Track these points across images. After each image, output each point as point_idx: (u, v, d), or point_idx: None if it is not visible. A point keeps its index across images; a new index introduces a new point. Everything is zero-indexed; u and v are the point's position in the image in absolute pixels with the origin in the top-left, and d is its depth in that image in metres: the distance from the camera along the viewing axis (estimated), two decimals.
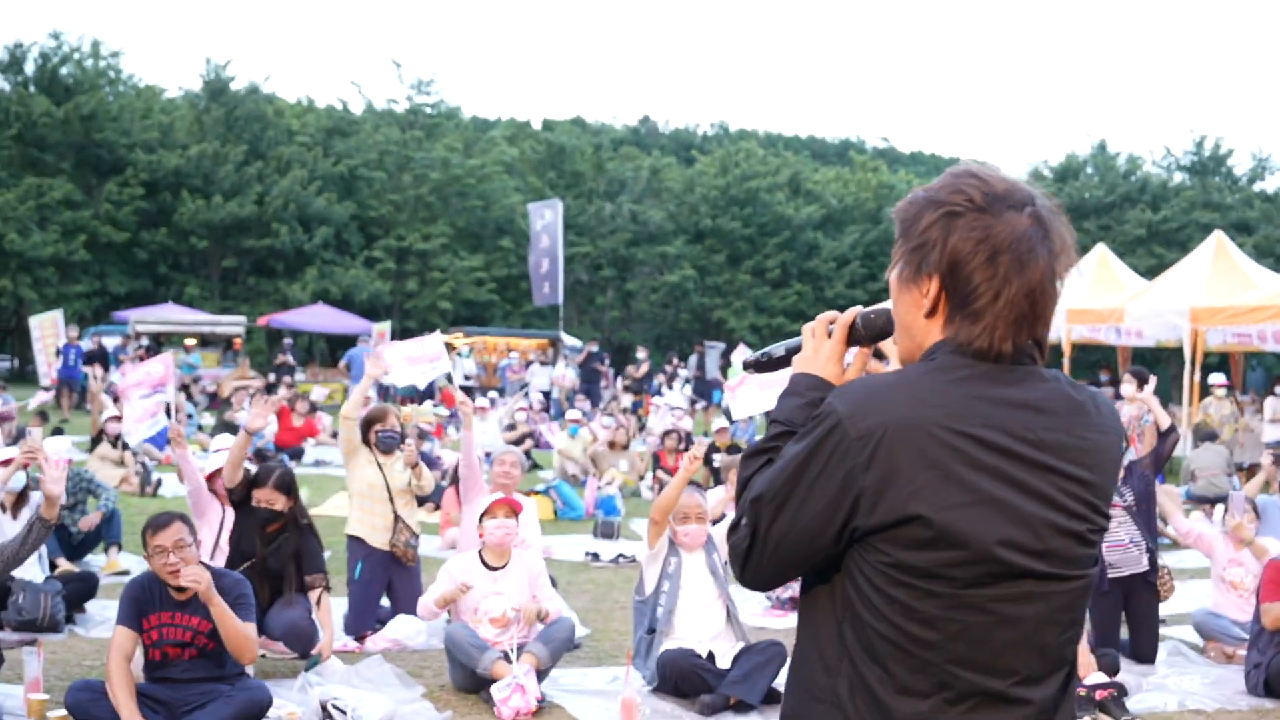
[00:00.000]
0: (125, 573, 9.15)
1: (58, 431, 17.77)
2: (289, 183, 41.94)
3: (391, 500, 7.78)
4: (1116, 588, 7.77)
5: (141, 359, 26.69)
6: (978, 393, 1.96)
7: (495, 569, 6.72)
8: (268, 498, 6.96)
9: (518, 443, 18.04)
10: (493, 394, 24.70)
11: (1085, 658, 6.73)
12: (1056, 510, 1.98)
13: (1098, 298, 20.28)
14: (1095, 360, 30.11)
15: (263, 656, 7.10)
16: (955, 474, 1.92)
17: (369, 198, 44.56)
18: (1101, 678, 6.64)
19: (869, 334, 2.21)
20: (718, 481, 14.14)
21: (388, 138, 44.94)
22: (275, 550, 6.96)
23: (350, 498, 8.00)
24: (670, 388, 25.32)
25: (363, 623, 7.66)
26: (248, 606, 5.60)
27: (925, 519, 1.91)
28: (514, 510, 6.76)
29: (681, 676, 6.42)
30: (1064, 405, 2.02)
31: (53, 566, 8.93)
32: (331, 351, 42.35)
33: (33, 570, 8.10)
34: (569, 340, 31.16)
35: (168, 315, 32.08)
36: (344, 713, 5.78)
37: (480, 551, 6.79)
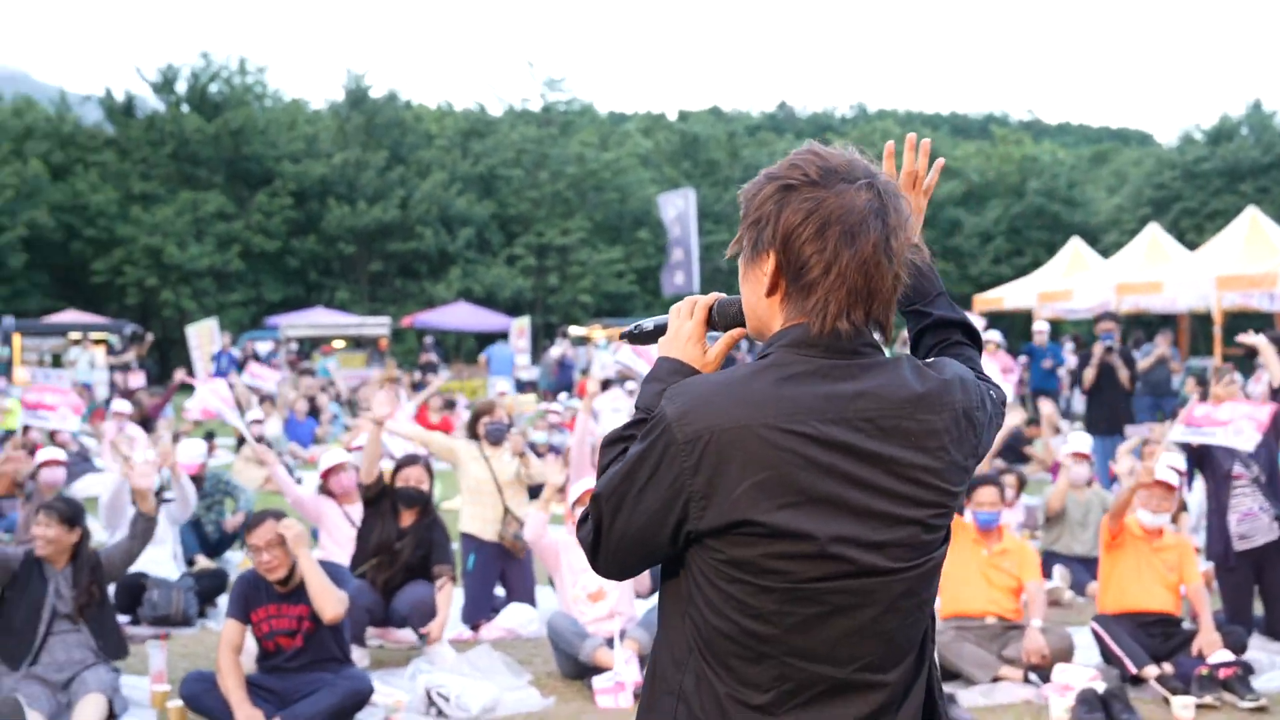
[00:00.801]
0: None
1: (210, 435, 18.47)
2: (430, 186, 42.80)
3: (500, 492, 7.91)
4: (1246, 561, 7.45)
5: (292, 364, 27.61)
6: (810, 389, 1.92)
7: None
8: (416, 476, 7.19)
9: None
10: (631, 384, 24.85)
11: (1210, 635, 6.51)
12: (896, 500, 1.95)
13: (1250, 263, 19.49)
14: (1257, 328, 28.92)
15: (380, 647, 7.31)
16: (786, 475, 1.89)
17: (508, 196, 45.20)
18: (1226, 655, 6.40)
19: (723, 322, 2.17)
20: None
21: (524, 136, 45.52)
22: (407, 541, 7.16)
23: (462, 495, 8.15)
24: None
25: (478, 612, 7.81)
26: (339, 581, 5.80)
27: (755, 522, 1.89)
28: None
29: None
30: (904, 392, 1.97)
31: (190, 563, 9.30)
32: (480, 348, 43.14)
33: (168, 567, 8.45)
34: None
35: (315, 319, 33.02)
36: (447, 699, 5.90)
37: None
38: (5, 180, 38.53)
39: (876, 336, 2.02)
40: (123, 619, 7.99)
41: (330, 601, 5.64)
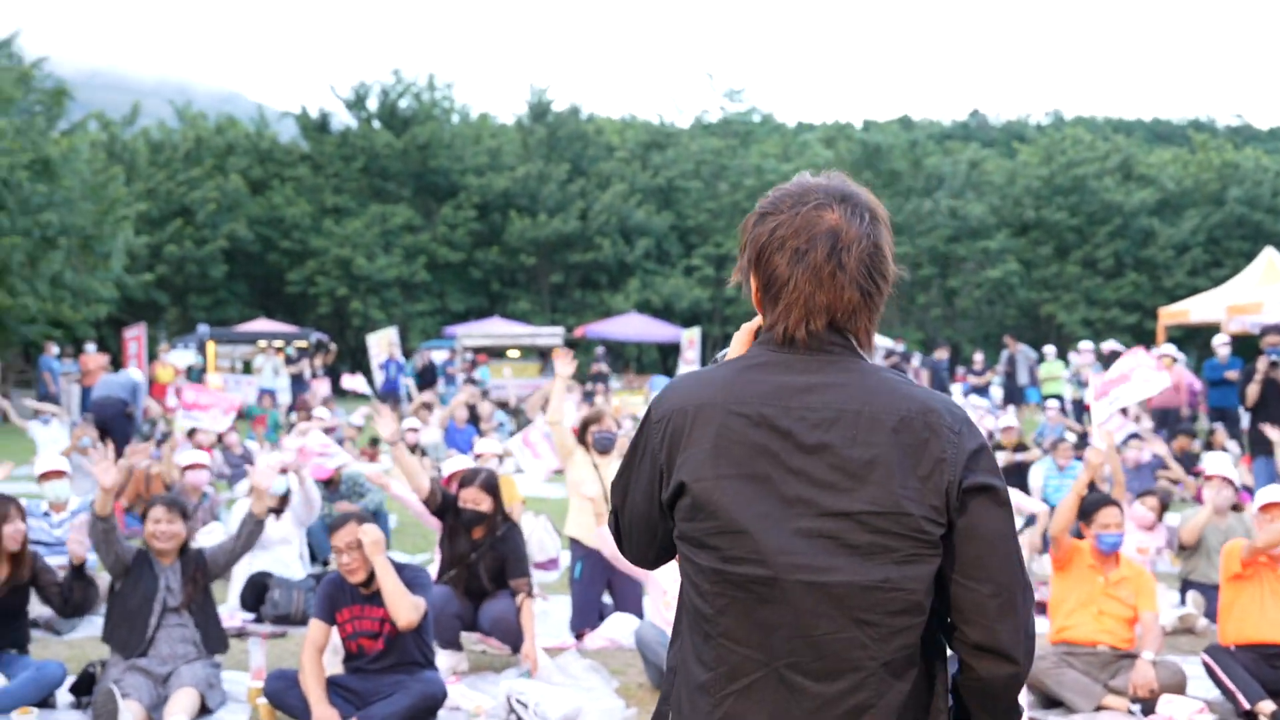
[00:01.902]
0: None
1: (374, 442, 19.02)
2: (610, 197, 43.28)
3: (607, 501, 7.90)
4: None
5: (466, 371, 28.23)
6: (763, 377, 2.09)
7: None
8: (474, 498, 7.11)
9: None
10: None
11: None
12: (827, 491, 2.01)
13: None
14: None
15: (482, 652, 7.38)
16: (722, 449, 2.05)
17: (687, 207, 45.38)
18: None
19: None
20: (1008, 483, 13.57)
21: (703, 148, 45.65)
22: (482, 554, 7.13)
23: (571, 499, 8.18)
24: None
25: (583, 620, 7.82)
26: (419, 586, 5.85)
27: (686, 487, 2.07)
28: None
29: None
30: (857, 390, 2.06)
31: (326, 564, 9.56)
32: (664, 359, 43.40)
33: (294, 567, 8.71)
34: (879, 340, 30.64)
35: (491, 329, 33.69)
36: (525, 706, 5.92)
37: None
38: (208, 194, 40.49)
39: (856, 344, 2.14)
40: (247, 616, 8.28)
41: (404, 608, 5.71)
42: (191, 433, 14.32)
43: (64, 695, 6.31)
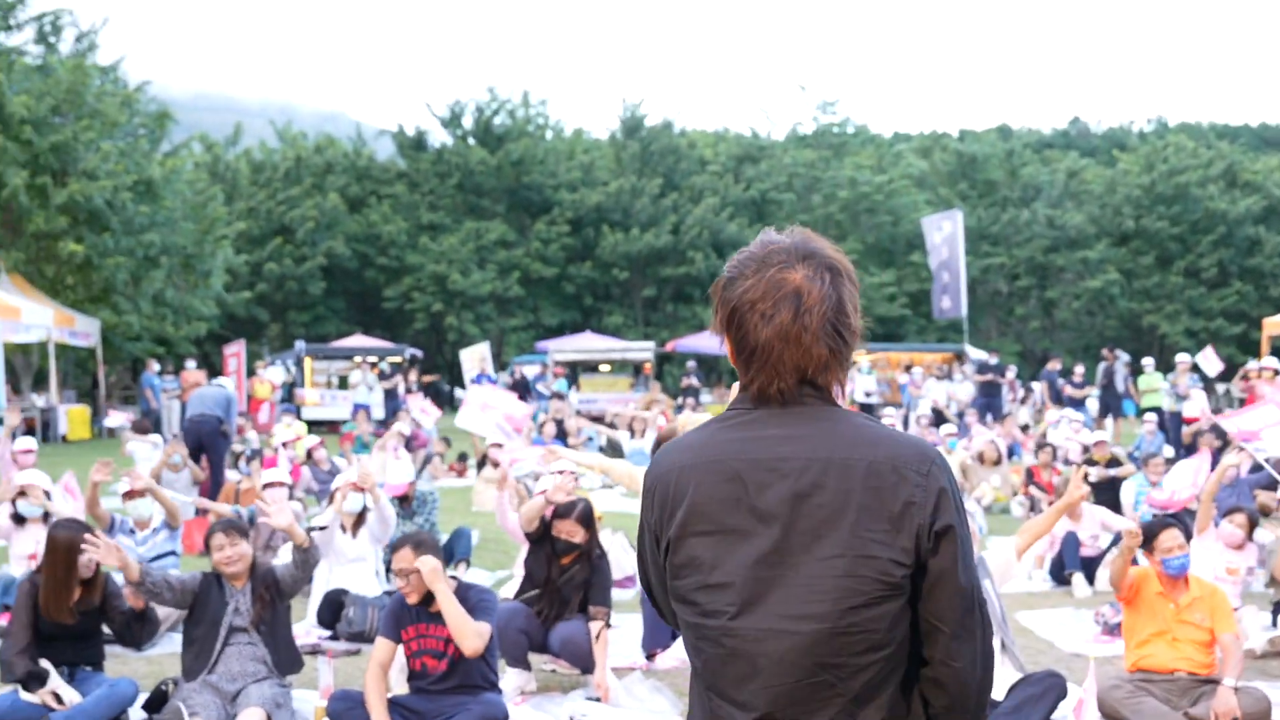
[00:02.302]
0: None
1: (463, 458, 19.20)
2: (702, 211, 43.28)
3: None
4: None
5: (555, 375, 28.33)
6: (736, 435, 2.17)
7: None
8: (569, 530, 7.09)
9: None
10: (890, 410, 24.39)
11: None
12: (797, 537, 2.09)
13: None
14: None
15: (552, 671, 7.37)
16: (701, 507, 2.14)
17: (780, 220, 45.05)
18: None
19: None
20: (1099, 500, 13.26)
21: (796, 160, 45.46)
22: (567, 580, 7.12)
23: None
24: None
25: (654, 641, 7.76)
26: (485, 610, 5.84)
27: (672, 544, 2.17)
28: None
29: None
30: (827, 439, 2.12)
31: None
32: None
33: (370, 585, 8.78)
34: (974, 353, 30.22)
35: (582, 344, 33.82)
36: None
37: None
38: (307, 213, 41.27)
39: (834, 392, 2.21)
40: (323, 633, 8.37)
41: (468, 636, 5.71)
42: (283, 446, 14.58)
43: (136, 712, 6.41)
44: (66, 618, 6.42)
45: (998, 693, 6.16)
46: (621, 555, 10.09)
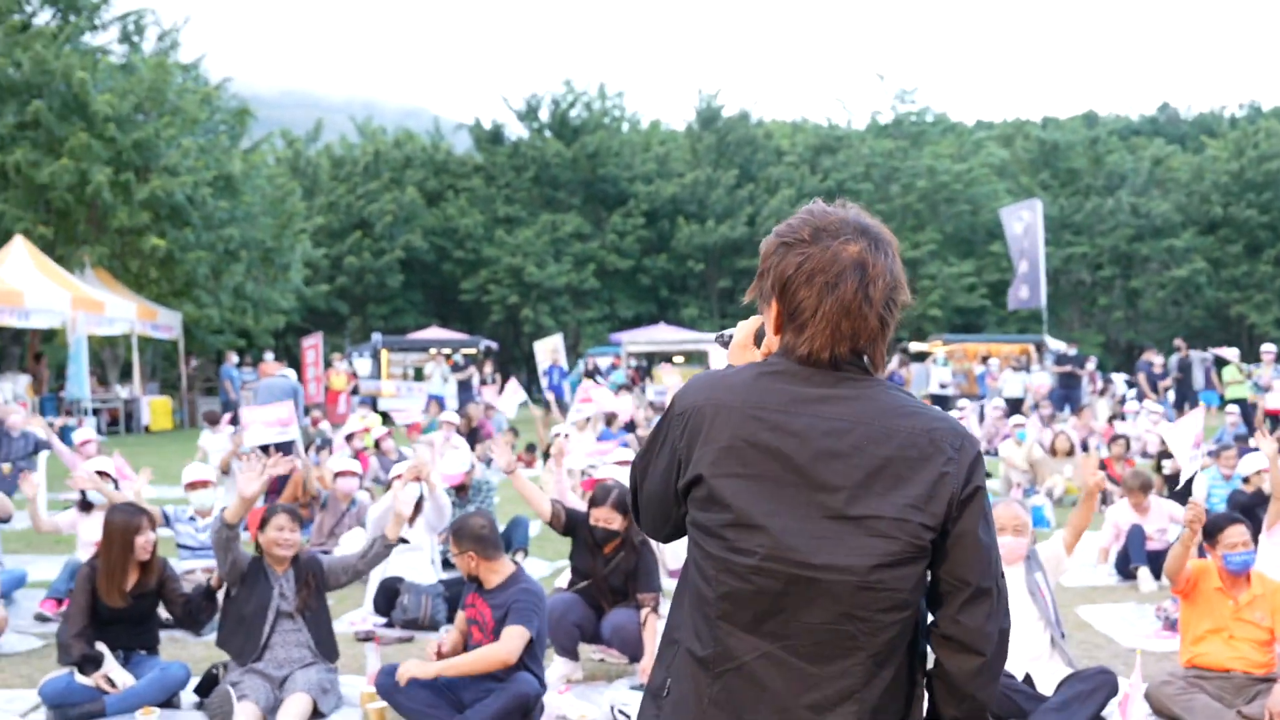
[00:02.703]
0: None
1: (530, 448, 19.27)
2: (778, 202, 43.06)
3: None
4: None
5: (631, 379, 28.36)
6: (780, 385, 2.23)
7: None
8: (605, 517, 7.07)
9: None
10: (964, 402, 24.09)
11: None
12: (831, 493, 2.17)
13: None
14: None
15: (600, 660, 7.38)
16: (738, 449, 2.20)
17: None
18: None
19: (760, 340, 2.48)
20: (1171, 493, 12.99)
21: (874, 150, 45.05)
22: (613, 569, 7.10)
23: None
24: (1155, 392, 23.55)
25: None
26: (522, 614, 5.85)
27: (703, 480, 2.23)
28: None
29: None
30: (868, 405, 2.20)
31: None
32: None
33: (426, 573, 8.85)
34: (1053, 344, 29.74)
35: (655, 335, 33.83)
36: (628, 717, 5.88)
37: None
38: (385, 207, 41.69)
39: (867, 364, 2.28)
40: (378, 620, 8.45)
41: (497, 662, 5.79)
42: (349, 438, 14.74)
43: (188, 696, 6.52)
44: (118, 601, 6.54)
45: (1047, 688, 6.06)
46: (678, 544, 10.08)
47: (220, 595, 6.89)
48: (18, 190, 25.78)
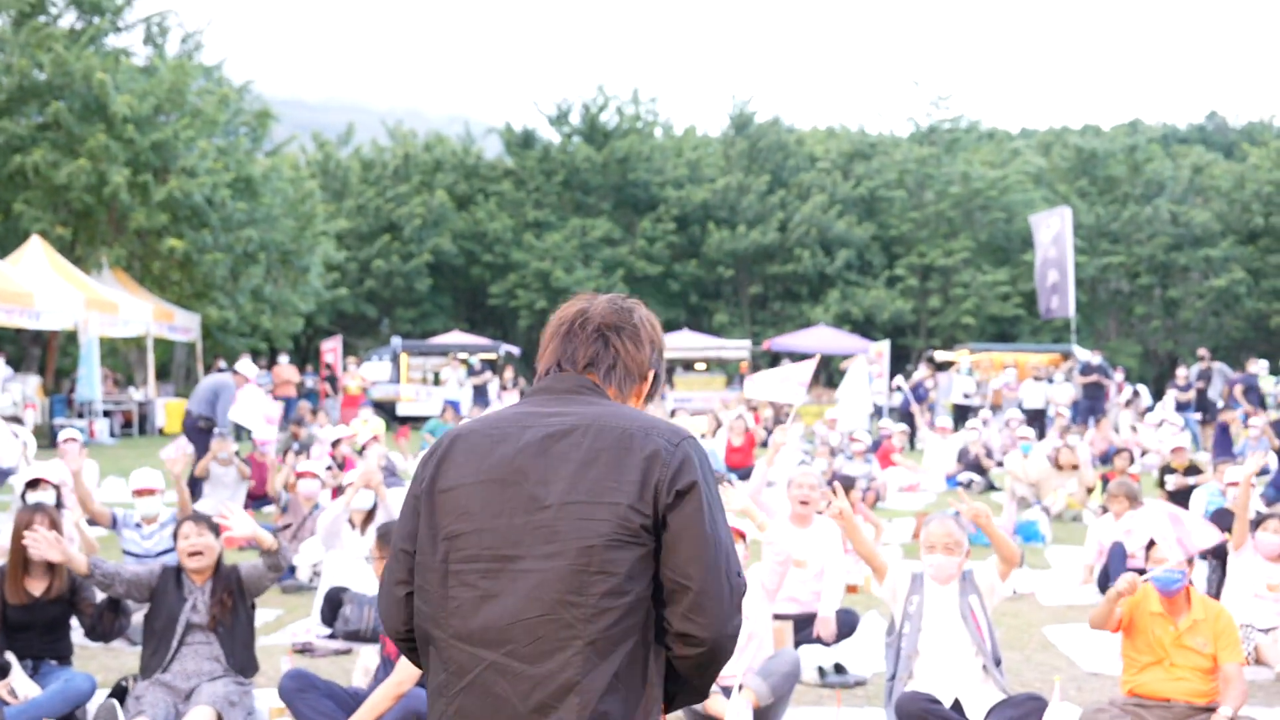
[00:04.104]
0: None
1: None
2: (810, 208, 42.68)
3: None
4: None
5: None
6: (519, 408, 2.55)
7: None
8: None
9: (976, 467, 17.09)
10: (986, 413, 23.66)
11: None
12: (549, 485, 2.37)
13: None
14: None
15: None
16: (475, 460, 2.45)
17: (890, 217, 44.38)
18: None
19: None
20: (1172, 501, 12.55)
21: (908, 156, 44.58)
22: None
23: None
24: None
25: None
26: None
27: (439, 491, 2.46)
28: (739, 535, 6.29)
29: None
30: (591, 411, 2.47)
31: None
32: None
33: (372, 582, 8.63)
34: (1081, 354, 29.19)
35: (678, 342, 33.51)
36: None
37: None
38: (414, 210, 41.67)
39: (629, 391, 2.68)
40: (322, 632, 8.24)
41: (404, 687, 5.55)
42: (337, 442, 14.56)
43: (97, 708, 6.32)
44: (21, 598, 6.37)
45: (976, 714, 5.76)
46: None
47: (126, 606, 6.71)
48: (37, 191, 25.86)
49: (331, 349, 29.08)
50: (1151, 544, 5.91)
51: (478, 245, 43.27)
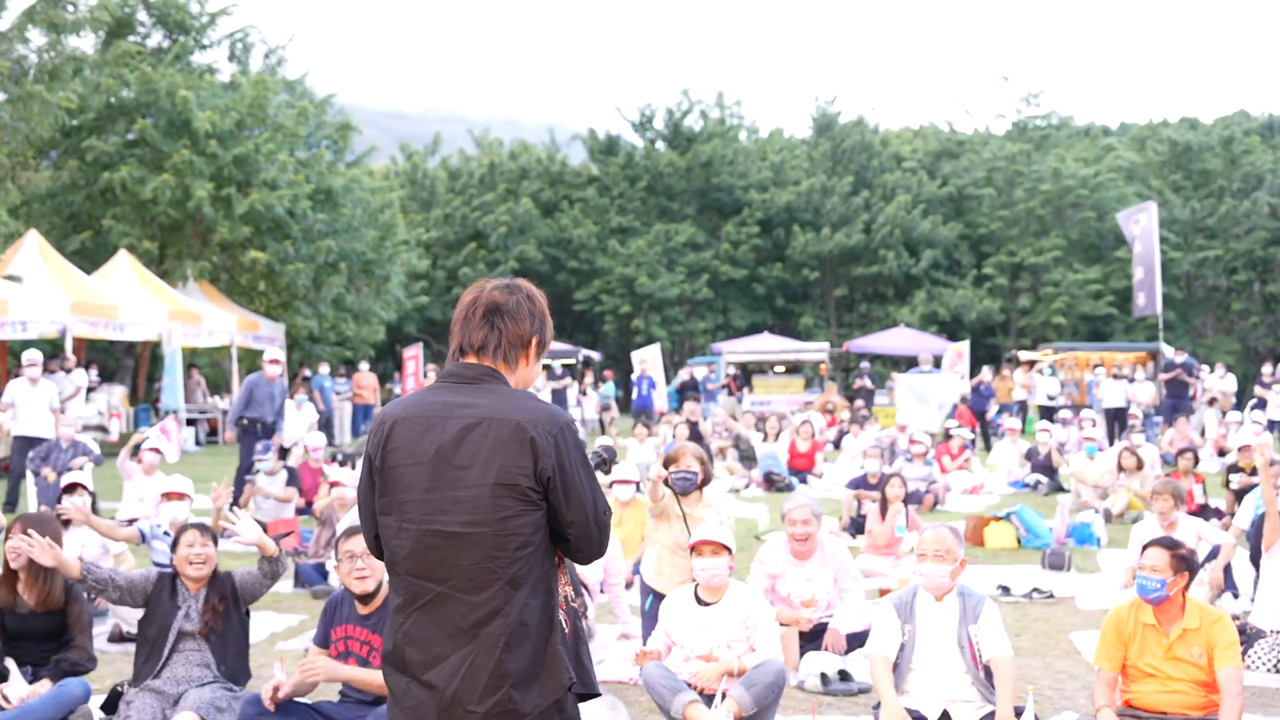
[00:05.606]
0: None
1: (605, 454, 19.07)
2: (894, 209, 42.22)
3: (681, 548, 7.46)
4: None
5: (728, 388, 27.97)
6: (433, 396, 3.23)
7: (706, 605, 6.25)
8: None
9: (1045, 468, 16.73)
10: (1067, 413, 23.19)
11: None
12: (468, 470, 3.10)
13: None
14: None
15: None
16: (406, 444, 3.18)
17: (978, 216, 43.72)
18: None
19: None
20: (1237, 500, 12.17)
21: (997, 154, 43.88)
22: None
23: (651, 541, 7.71)
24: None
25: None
26: None
27: (382, 468, 3.22)
28: (721, 549, 6.22)
29: None
30: (493, 403, 3.15)
31: None
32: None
33: None
34: (1167, 352, 28.45)
35: (756, 345, 33.34)
36: None
37: (695, 588, 6.36)
38: (500, 217, 42.03)
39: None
40: None
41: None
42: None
43: (98, 713, 6.44)
44: (8, 601, 6.51)
45: None
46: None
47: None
48: (125, 207, 26.55)
49: (413, 356, 29.42)
50: (1143, 550, 5.72)
51: (562, 252, 43.50)
